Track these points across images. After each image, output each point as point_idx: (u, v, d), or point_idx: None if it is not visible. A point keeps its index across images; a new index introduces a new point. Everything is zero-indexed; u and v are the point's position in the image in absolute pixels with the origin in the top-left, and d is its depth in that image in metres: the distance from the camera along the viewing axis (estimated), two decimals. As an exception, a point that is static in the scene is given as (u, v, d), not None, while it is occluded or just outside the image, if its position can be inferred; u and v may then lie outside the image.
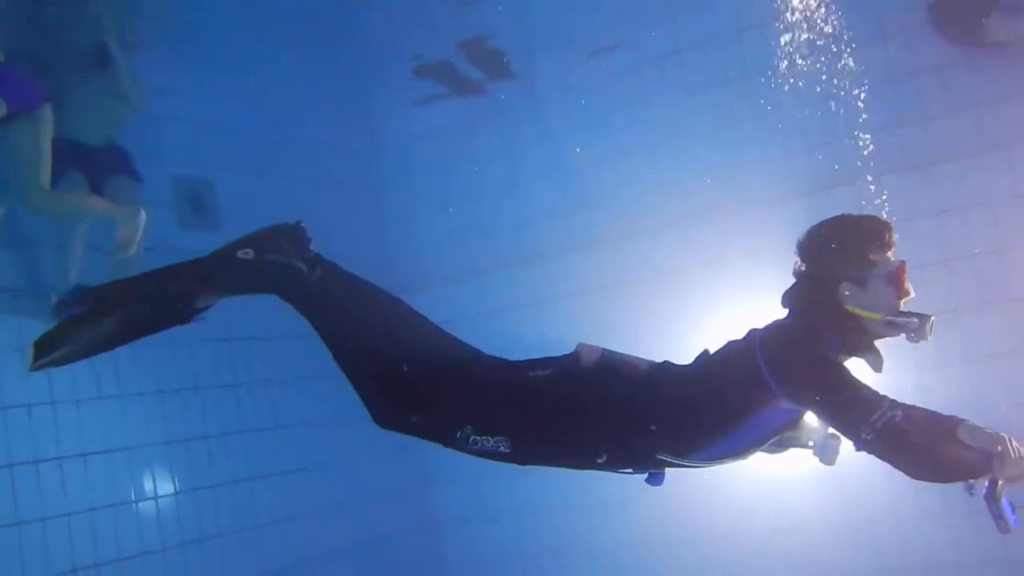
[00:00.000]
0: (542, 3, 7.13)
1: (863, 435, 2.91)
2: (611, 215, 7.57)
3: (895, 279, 3.18)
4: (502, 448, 3.17)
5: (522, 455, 3.23)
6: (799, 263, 3.32)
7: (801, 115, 6.53)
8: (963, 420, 2.98)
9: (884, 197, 6.13)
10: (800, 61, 6.52)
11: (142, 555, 5.98)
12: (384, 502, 7.78)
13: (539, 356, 3.39)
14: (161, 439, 6.29)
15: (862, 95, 6.42)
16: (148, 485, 6.16)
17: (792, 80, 6.60)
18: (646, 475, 3.35)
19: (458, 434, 3.21)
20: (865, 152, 6.31)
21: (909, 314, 3.17)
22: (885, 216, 3.30)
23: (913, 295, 3.21)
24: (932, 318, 3.14)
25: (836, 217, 3.30)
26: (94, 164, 5.86)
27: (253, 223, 6.99)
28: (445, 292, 8.17)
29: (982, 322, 6.30)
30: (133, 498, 6.04)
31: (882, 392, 3.01)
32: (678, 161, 7.24)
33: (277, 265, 3.39)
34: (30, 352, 3.36)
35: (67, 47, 5.92)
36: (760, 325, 3.24)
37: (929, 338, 3.14)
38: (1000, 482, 2.89)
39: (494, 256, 8.10)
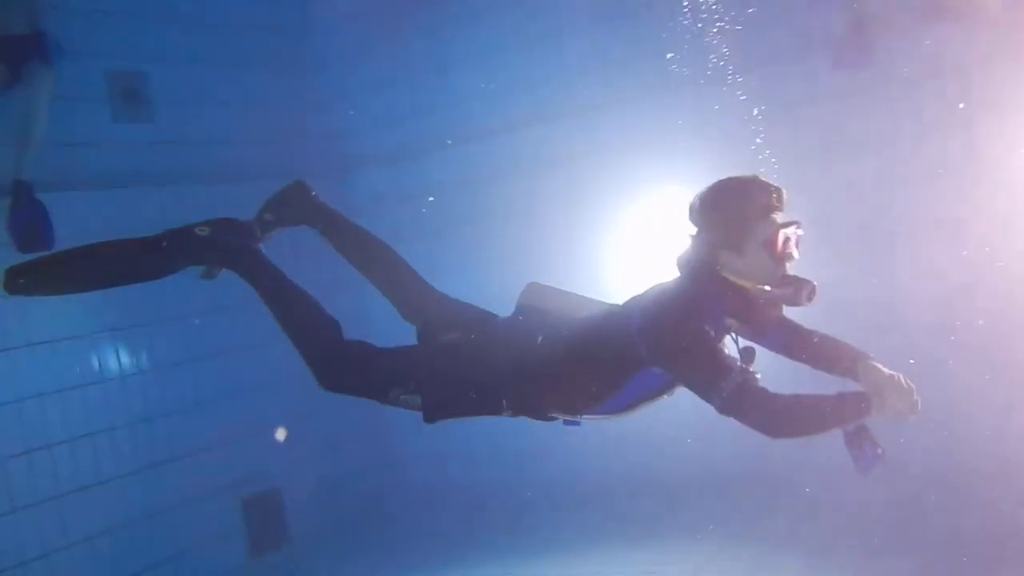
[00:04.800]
0: None
1: (715, 400, 3.00)
2: (536, 97, 7.76)
3: (770, 245, 3.13)
4: (420, 403, 3.53)
5: (433, 411, 3.55)
6: (689, 227, 3.32)
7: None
8: (864, 355, 3.15)
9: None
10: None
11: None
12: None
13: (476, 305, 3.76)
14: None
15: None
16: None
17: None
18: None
19: (389, 394, 3.56)
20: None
21: (786, 280, 3.17)
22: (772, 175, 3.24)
23: (795, 258, 3.18)
24: (811, 285, 3.14)
25: (722, 180, 3.26)
26: (14, 51, 6.07)
27: (186, 111, 7.24)
28: (378, 172, 8.49)
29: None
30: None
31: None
32: (595, 47, 7.42)
33: (230, 245, 3.76)
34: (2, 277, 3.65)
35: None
36: (659, 283, 3.31)
37: (808, 303, 3.14)
38: (863, 426, 3.04)
39: (424, 137, 8.30)
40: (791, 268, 3.20)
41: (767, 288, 3.19)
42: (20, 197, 5.95)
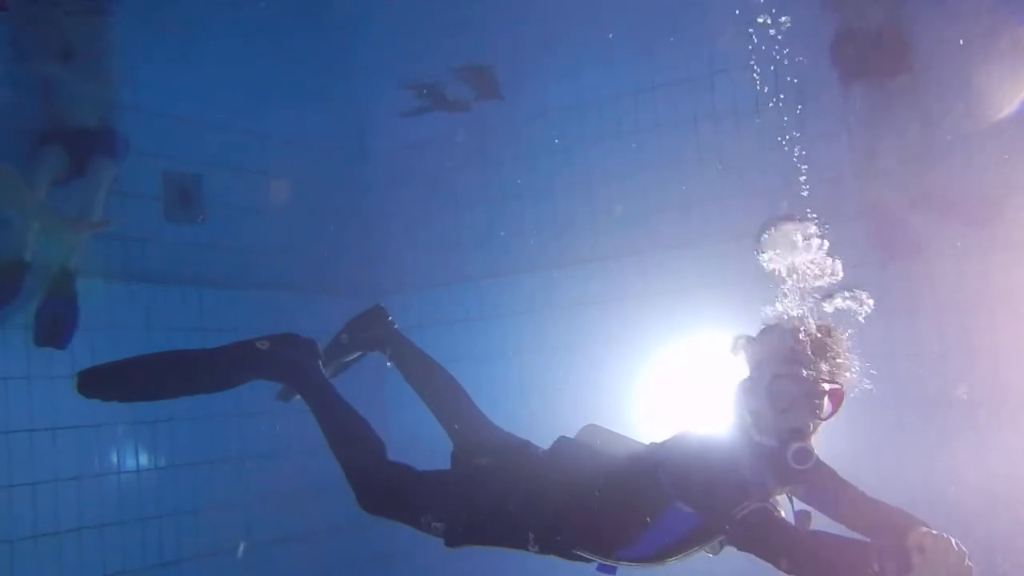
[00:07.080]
0: (534, 31, 7.24)
1: (728, 525, 2.86)
2: (579, 237, 7.81)
3: (769, 392, 3.02)
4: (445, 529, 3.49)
5: (455, 535, 3.49)
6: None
7: (761, 159, 6.68)
8: (919, 523, 2.85)
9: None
10: (772, 103, 6.68)
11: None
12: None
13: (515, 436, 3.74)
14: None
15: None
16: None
17: (757, 123, 6.81)
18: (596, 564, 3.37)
19: (421, 519, 3.52)
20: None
21: (782, 435, 2.99)
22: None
23: (790, 412, 2.99)
24: (798, 445, 2.94)
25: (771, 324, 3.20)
26: (82, 144, 6.25)
27: (235, 216, 7.33)
28: (419, 298, 8.39)
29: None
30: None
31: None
32: (644, 192, 7.48)
33: (288, 360, 3.84)
34: (74, 381, 3.70)
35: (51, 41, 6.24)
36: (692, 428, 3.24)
37: (796, 465, 2.93)
38: None
39: (466, 267, 8.35)
40: (814, 427, 3.03)
41: (757, 438, 3.06)
42: (60, 287, 6.00)
